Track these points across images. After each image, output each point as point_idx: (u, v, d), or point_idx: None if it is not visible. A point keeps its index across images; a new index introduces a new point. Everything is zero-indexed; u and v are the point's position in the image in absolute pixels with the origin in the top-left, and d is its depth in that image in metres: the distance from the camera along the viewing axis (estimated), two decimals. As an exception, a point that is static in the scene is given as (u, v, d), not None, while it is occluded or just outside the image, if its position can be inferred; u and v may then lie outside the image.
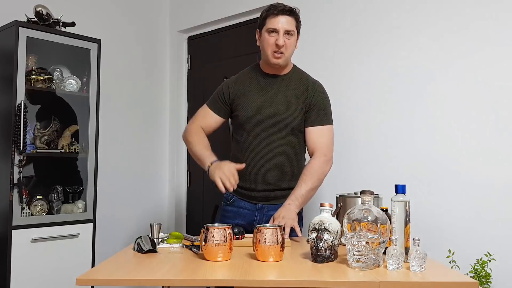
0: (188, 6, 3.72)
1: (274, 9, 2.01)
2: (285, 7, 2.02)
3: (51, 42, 2.74)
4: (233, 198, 2.19)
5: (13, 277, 2.50)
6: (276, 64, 2.06)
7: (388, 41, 2.59)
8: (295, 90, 2.11)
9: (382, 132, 2.59)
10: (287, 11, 2.01)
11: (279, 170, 2.10)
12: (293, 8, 2.04)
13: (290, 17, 2.02)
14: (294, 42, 2.06)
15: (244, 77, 2.19)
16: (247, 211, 2.16)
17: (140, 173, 3.64)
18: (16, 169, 2.53)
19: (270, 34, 2.02)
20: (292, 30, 2.02)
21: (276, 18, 2.00)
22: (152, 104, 3.74)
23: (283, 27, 2.00)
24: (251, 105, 2.10)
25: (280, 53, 2.02)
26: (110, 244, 3.39)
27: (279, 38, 2.00)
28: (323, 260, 1.56)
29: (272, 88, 2.11)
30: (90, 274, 1.43)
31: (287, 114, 2.08)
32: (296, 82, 2.13)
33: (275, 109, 2.08)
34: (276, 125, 2.08)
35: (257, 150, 2.10)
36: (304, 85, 2.12)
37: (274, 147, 2.09)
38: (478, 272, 2.07)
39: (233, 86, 2.16)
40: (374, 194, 1.91)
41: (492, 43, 2.23)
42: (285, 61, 2.07)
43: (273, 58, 2.04)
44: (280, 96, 2.10)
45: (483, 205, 2.23)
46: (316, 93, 2.12)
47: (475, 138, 2.27)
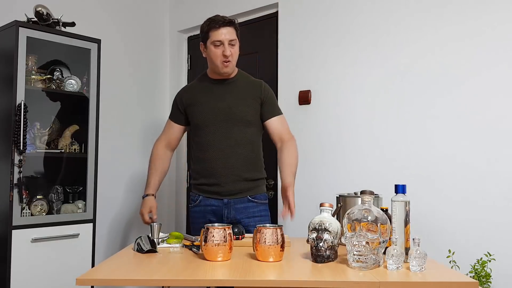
0: (188, 6, 3.73)
1: (215, 23, 2.19)
2: (224, 20, 2.20)
3: (51, 42, 2.74)
4: (199, 198, 2.30)
5: (13, 277, 2.50)
6: (225, 72, 2.25)
7: (388, 41, 2.59)
8: (245, 89, 2.31)
9: (382, 132, 2.59)
10: (228, 23, 2.20)
11: (240, 161, 2.23)
12: (232, 20, 2.22)
13: (231, 27, 2.20)
14: (237, 50, 2.26)
15: (193, 85, 2.40)
16: (214, 207, 2.25)
17: (140, 173, 3.64)
18: (16, 169, 2.53)
19: (216, 46, 2.20)
20: (234, 39, 2.21)
21: (218, 30, 2.18)
22: (152, 104, 3.74)
23: (226, 38, 2.18)
24: (204, 107, 2.27)
25: (228, 62, 2.21)
26: (110, 244, 3.39)
27: (226, 49, 2.18)
28: (323, 260, 1.56)
29: (223, 90, 2.29)
30: (90, 274, 1.44)
31: (239, 110, 2.25)
32: (244, 82, 2.34)
33: (228, 106, 2.25)
34: (231, 120, 2.24)
35: (218, 146, 2.24)
36: (253, 84, 2.34)
37: (232, 140, 2.24)
38: (478, 272, 2.07)
39: (185, 95, 2.35)
40: (374, 194, 1.91)
41: (492, 43, 2.23)
42: (232, 68, 2.28)
43: (222, 68, 2.23)
44: (231, 96, 2.28)
45: (483, 205, 2.23)
46: (266, 90, 2.34)
47: (475, 138, 2.27)
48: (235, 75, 2.34)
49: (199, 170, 2.30)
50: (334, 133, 2.80)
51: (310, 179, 2.87)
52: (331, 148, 2.80)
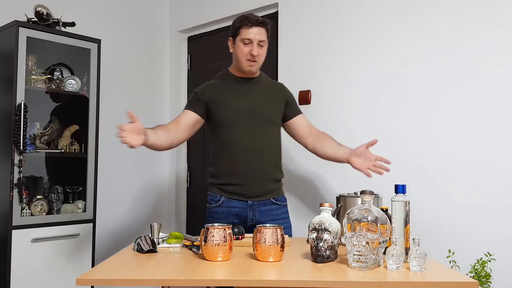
0: (188, 6, 3.73)
1: (248, 21, 2.16)
2: (258, 19, 2.17)
3: (51, 42, 2.74)
4: (221, 199, 2.22)
5: (13, 277, 2.50)
6: (249, 71, 2.22)
7: (389, 40, 2.59)
8: (270, 89, 2.30)
9: (382, 132, 2.59)
10: (260, 23, 2.16)
11: (266, 161, 2.20)
12: (265, 22, 2.19)
13: (263, 28, 2.17)
14: (265, 52, 2.22)
15: (217, 83, 2.31)
16: (238, 209, 2.19)
17: (140, 173, 3.64)
18: (16, 169, 2.54)
19: (244, 44, 2.17)
20: (264, 41, 2.18)
21: (250, 29, 2.15)
22: (152, 104, 3.74)
23: (256, 38, 2.15)
24: (230, 104, 2.21)
25: (254, 62, 2.18)
26: (110, 244, 3.39)
27: (253, 49, 2.15)
28: (323, 260, 1.56)
29: (247, 89, 2.26)
30: (90, 274, 1.43)
31: (266, 109, 2.24)
32: (267, 83, 2.33)
33: (253, 105, 2.22)
34: (257, 119, 2.21)
35: (244, 145, 2.18)
36: (276, 86, 2.36)
37: (259, 140, 2.20)
38: (478, 272, 2.07)
39: (209, 90, 2.27)
40: (374, 194, 1.91)
41: (493, 43, 2.23)
42: (257, 69, 2.25)
43: (247, 66, 2.20)
44: (256, 95, 2.25)
45: (483, 205, 2.23)
46: (287, 91, 2.38)
47: (475, 138, 2.27)
48: (258, 75, 2.31)
49: (223, 170, 2.21)
50: (334, 133, 2.79)
51: (310, 179, 2.87)
52: (331, 148, 2.80)
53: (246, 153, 2.17)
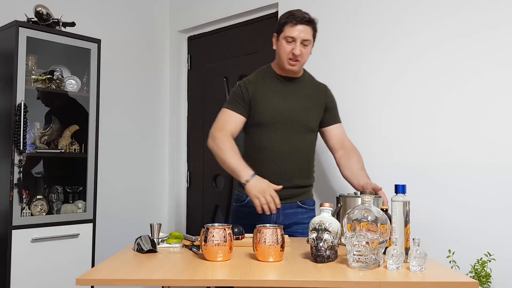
0: (188, 6, 3.72)
1: (293, 18, 2.04)
2: (304, 17, 2.05)
3: (51, 42, 2.74)
4: (247, 199, 2.15)
5: (13, 277, 2.50)
6: (290, 70, 2.13)
7: (390, 39, 2.59)
8: (310, 92, 2.20)
9: (382, 132, 2.59)
10: (306, 21, 2.05)
11: (296, 168, 2.14)
12: (312, 18, 2.08)
13: (308, 26, 2.06)
14: (309, 50, 2.12)
15: (259, 78, 2.20)
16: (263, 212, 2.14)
17: (140, 173, 3.64)
18: (16, 169, 2.54)
19: (287, 42, 2.07)
20: (309, 40, 2.07)
21: (294, 27, 2.04)
22: (152, 104, 3.74)
23: (300, 36, 2.04)
24: (268, 105, 2.13)
25: (296, 61, 2.09)
26: (110, 244, 3.39)
27: (296, 48, 2.05)
28: (323, 260, 1.56)
29: (288, 90, 2.17)
30: (90, 274, 1.43)
31: (304, 114, 2.15)
32: (309, 84, 2.22)
33: (292, 109, 2.13)
34: (294, 124, 2.13)
35: (275, 149, 2.12)
36: (318, 88, 2.25)
37: (292, 146, 2.13)
38: (478, 272, 2.07)
39: (251, 86, 2.17)
40: (374, 194, 1.91)
41: (496, 42, 2.23)
42: (299, 68, 2.15)
43: (288, 65, 2.10)
44: (296, 97, 2.16)
45: (483, 205, 2.23)
46: (329, 94, 2.27)
47: (475, 138, 2.27)
48: (301, 75, 2.21)
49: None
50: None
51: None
52: (331, 148, 2.80)
53: (275, 157, 2.11)
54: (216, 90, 3.56)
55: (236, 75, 3.42)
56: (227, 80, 3.49)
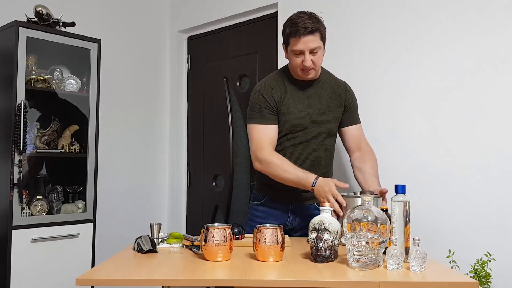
0: (188, 6, 3.72)
1: (296, 31, 1.96)
2: (306, 28, 1.96)
3: (51, 42, 2.74)
4: (264, 199, 2.17)
5: (13, 277, 2.50)
6: (307, 79, 2.08)
7: (389, 39, 2.59)
8: (330, 93, 2.15)
9: (382, 132, 2.59)
10: (309, 32, 1.96)
11: (316, 172, 2.08)
12: (316, 27, 1.98)
13: (312, 35, 1.97)
14: (321, 54, 2.05)
15: (278, 83, 2.13)
16: (279, 211, 2.15)
17: (140, 173, 3.64)
18: (16, 169, 2.53)
19: (296, 55, 2.00)
20: (317, 47, 1.99)
21: (299, 40, 1.96)
22: (152, 104, 3.74)
23: (307, 47, 1.97)
24: (291, 111, 2.09)
25: (310, 70, 2.03)
26: (110, 244, 3.39)
27: (306, 60, 1.98)
28: (323, 260, 1.56)
29: (308, 94, 2.12)
30: (90, 274, 1.43)
31: (325, 120, 2.12)
32: (328, 85, 2.16)
33: (314, 114, 2.10)
34: (315, 129, 2.11)
35: (295, 153, 2.10)
36: (337, 88, 2.18)
37: (312, 151, 2.12)
38: (478, 272, 2.07)
39: (274, 93, 2.10)
40: (374, 194, 1.91)
41: (494, 46, 2.23)
42: (316, 74, 2.09)
43: (303, 75, 2.05)
44: (317, 101, 2.12)
45: (483, 205, 2.23)
46: (350, 94, 2.22)
47: (475, 139, 2.27)
48: (320, 76, 2.15)
49: None
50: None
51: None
52: (331, 148, 2.80)
53: (296, 161, 2.06)
54: (216, 90, 3.56)
55: (236, 75, 3.42)
56: (227, 80, 3.49)
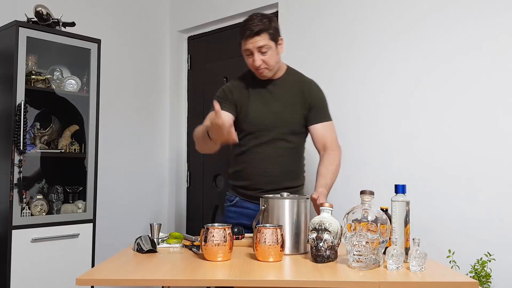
0: (188, 6, 3.72)
1: (243, 34, 2.03)
2: (252, 29, 2.01)
3: (51, 42, 2.74)
4: (236, 199, 2.21)
5: (13, 277, 2.50)
6: (263, 78, 2.12)
7: (389, 40, 2.59)
8: (292, 92, 2.15)
9: (383, 132, 2.59)
10: (255, 34, 2.01)
11: (282, 170, 2.13)
12: (261, 28, 2.02)
13: (259, 36, 2.02)
14: (273, 53, 2.07)
15: (241, 82, 2.21)
16: (251, 211, 2.16)
17: (140, 173, 3.64)
18: (16, 169, 2.53)
19: (247, 56, 2.07)
20: (265, 46, 2.03)
21: (246, 41, 2.03)
22: (152, 104, 3.74)
23: (255, 46, 2.03)
24: (252, 110, 2.13)
25: (262, 69, 2.07)
26: (110, 244, 3.39)
27: (255, 60, 2.04)
28: (323, 260, 1.56)
29: (270, 93, 2.15)
30: (90, 274, 1.43)
31: (287, 118, 2.13)
32: (291, 84, 2.17)
33: (275, 112, 2.12)
34: (278, 128, 2.12)
35: (260, 152, 2.13)
36: (300, 87, 2.17)
37: (277, 149, 2.13)
38: (478, 272, 2.07)
39: (234, 90, 2.18)
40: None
41: (494, 46, 2.23)
42: (271, 72, 2.11)
43: (259, 75, 2.11)
44: (278, 100, 2.14)
45: (483, 205, 2.23)
46: (313, 92, 2.18)
47: (474, 138, 2.27)
48: (283, 75, 2.17)
49: (238, 174, 2.19)
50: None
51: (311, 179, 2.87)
52: (331, 148, 2.80)
53: (261, 160, 2.12)
54: (216, 90, 3.54)
55: (236, 75, 3.40)
56: (227, 80, 3.49)
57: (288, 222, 1.72)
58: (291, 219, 1.72)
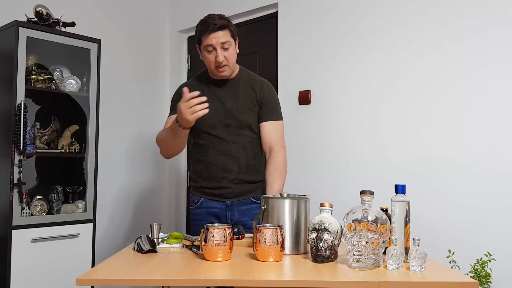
0: (188, 6, 3.72)
1: (206, 28, 2.06)
2: (215, 24, 2.05)
3: (51, 42, 2.74)
4: (200, 200, 2.22)
5: (13, 277, 2.50)
6: (223, 76, 2.15)
7: (389, 41, 2.59)
8: (245, 91, 2.20)
9: (383, 132, 2.59)
10: (218, 28, 2.05)
11: (242, 165, 2.16)
12: (224, 23, 2.07)
13: (222, 31, 2.06)
14: (233, 51, 2.12)
15: (196, 83, 2.24)
16: (217, 209, 2.19)
17: (140, 173, 3.64)
18: (16, 169, 2.54)
19: (208, 52, 2.09)
20: (227, 42, 2.07)
21: (209, 36, 2.05)
22: (152, 104, 3.74)
23: (218, 42, 2.05)
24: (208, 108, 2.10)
25: (224, 66, 2.10)
26: (110, 244, 3.39)
27: (218, 55, 2.06)
28: (323, 260, 1.56)
29: (224, 92, 2.19)
30: (90, 274, 1.43)
31: (241, 113, 2.16)
32: (244, 83, 2.21)
33: (229, 109, 2.16)
34: (233, 124, 2.16)
35: (220, 149, 2.16)
36: (252, 86, 2.21)
37: (235, 145, 2.16)
38: (478, 272, 2.07)
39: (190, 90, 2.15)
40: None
41: (487, 43, 2.23)
42: (230, 71, 2.15)
43: (218, 73, 2.13)
44: (233, 98, 2.18)
45: (483, 205, 2.23)
46: (265, 91, 2.21)
47: (474, 138, 2.27)
48: (237, 75, 2.22)
49: (200, 173, 2.22)
50: (334, 133, 2.80)
51: (310, 179, 2.87)
52: (331, 148, 2.80)
53: (220, 157, 2.15)
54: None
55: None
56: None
57: (288, 222, 1.72)
58: (291, 219, 1.72)
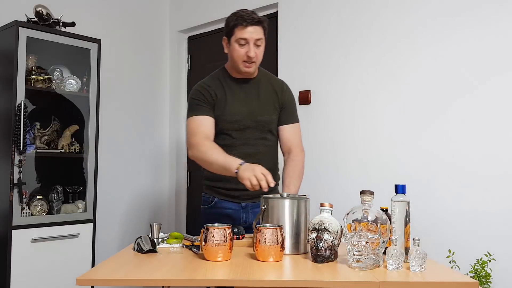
0: (188, 6, 3.72)
1: (242, 20, 2.02)
2: (253, 18, 2.03)
3: (51, 42, 2.74)
4: (214, 200, 2.18)
5: (13, 277, 2.50)
6: (247, 72, 2.09)
7: (389, 41, 2.59)
8: (267, 92, 2.16)
9: (382, 132, 2.59)
10: (256, 22, 2.02)
11: None
12: (261, 19, 2.06)
13: (259, 26, 2.03)
14: (263, 51, 2.09)
15: (216, 82, 2.16)
16: (231, 211, 2.16)
17: (140, 173, 3.64)
18: (16, 169, 2.54)
19: (240, 45, 2.03)
20: (261, 39, 2.04)
21: (245, 29, 2.01)
22: (152, 104, 3.74)
23: (252, 37, 2.01)
24: (228, 110, 2.11)
25: (252, 63, 2.05)
26: (110, 244, 3.39)
27: (250, 50, 2.02)
28: (323, 260, 1.56)
29: (245, 93, 2.14)
30: (90, 274, 1.43)
31: (263, 117, 2.13)
32: (265, 84, 2.18)
33: (251, 113, 2.12)
34: (254, 127, 2.13)
35: (238, 152, 2.09)
36: (274, 86, 2.19)
37: (254, 148, 2.13)
38: (478, 272, 2.07)
39: (211, 91, 2.11)
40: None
41: (493, 44, 2.24)
42: (255, 69, 2.11)
43: (244, 68, 2.06)
44: (254, 100, 2.14)
45: (483, 205, 2.23)
46: (286, 93, 2.20)
47: (474, 139, 2.27)
48: (257, 75, 2.17)
49: (216, 173, 2.10)
50: (334, 133, 2.80)
51: (310, 179, 2.87)
52: (331, 148, 2.80)
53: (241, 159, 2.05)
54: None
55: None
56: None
57: (288, 222, 1.71)
58: (291, 219, 1.72)
